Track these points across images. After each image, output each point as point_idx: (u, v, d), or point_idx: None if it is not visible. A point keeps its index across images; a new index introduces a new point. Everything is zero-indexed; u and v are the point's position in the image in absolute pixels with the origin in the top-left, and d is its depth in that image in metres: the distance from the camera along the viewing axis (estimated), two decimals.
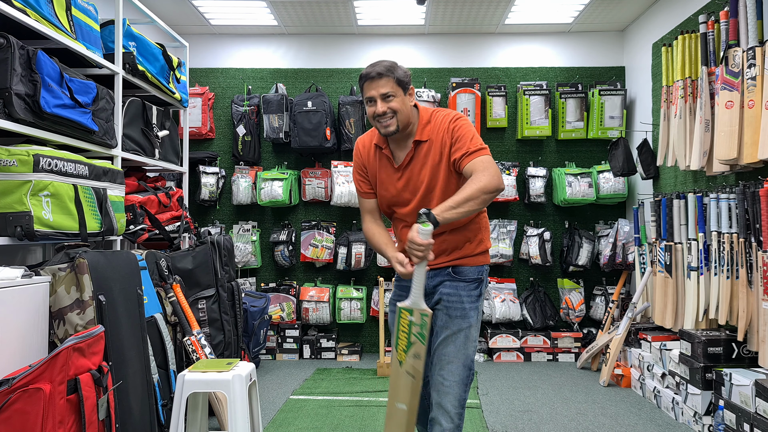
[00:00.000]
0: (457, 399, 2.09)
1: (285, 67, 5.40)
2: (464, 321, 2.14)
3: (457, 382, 2.09)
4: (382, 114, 2.12)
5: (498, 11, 4.86)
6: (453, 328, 2.13)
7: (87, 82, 2.78)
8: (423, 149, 2.17)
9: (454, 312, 2.14)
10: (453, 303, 2.15)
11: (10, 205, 2.28)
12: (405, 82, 2.15)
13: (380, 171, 2.26)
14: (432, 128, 2.18)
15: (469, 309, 2.15)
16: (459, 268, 2.19)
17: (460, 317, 2.14)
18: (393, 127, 2.14)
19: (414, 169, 2.19)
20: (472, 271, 2.19)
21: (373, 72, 2.11)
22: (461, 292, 2.16)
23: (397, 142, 2.22)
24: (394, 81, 2.11)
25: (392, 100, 2.11)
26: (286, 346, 5.01)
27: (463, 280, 2.18)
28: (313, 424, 3.32)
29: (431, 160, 2.16)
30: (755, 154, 2.96)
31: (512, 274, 5.24)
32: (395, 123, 2.13)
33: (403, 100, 2.14)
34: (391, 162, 2.23)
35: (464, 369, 2.11)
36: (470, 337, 2.14)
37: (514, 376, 4.43)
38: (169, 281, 3.06)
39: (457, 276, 2.18)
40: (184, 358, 3.01)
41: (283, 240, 5.11)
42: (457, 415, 2.09)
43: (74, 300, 2.26)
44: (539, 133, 5.06)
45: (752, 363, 3.14)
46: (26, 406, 1.78)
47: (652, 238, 4.09)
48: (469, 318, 2.14)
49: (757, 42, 3.06)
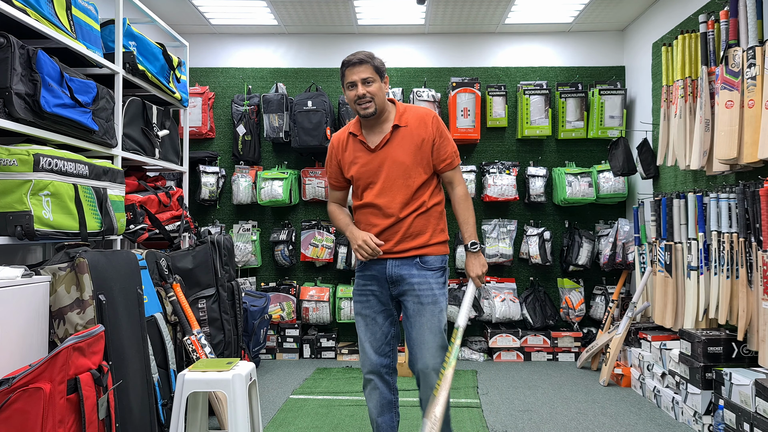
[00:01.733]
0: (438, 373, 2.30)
1: (285, 66, 5.40)
2: (436, 306, 2.36)
3: (437, 363, 2.32)
4: (362, 96, 2.35)
5: (498, 11, 4.86)
6: (427, 315, 2.35)
7: (87, 81, 2.78)
8: (400, 133, 2.41)
9: (425, 299, 2.35)
10: (424, 290, 2.36)
11: (11, 205, 2.28)
12: (381, 70, 2.41)
13: (355, 156, 2.46)
14: (409, 117, 2.42)
15: (438, 295, 2.37)
16: (425, 258, 2.39)
17: (432, 303, 2.36)
18: (371, 109, 2.37)
19: (390, 150, 2.40)
20: (437, 260, 2.41)
21: (354, 59, 2.38)
22: (430, 280, 2.37)
23: (371, 128, 2.45)
24: (372, 68, 2.37)
25: (371, 85, 2.36)
26: (286, 346, 5.01)
27: (429, 269, 2.38)
28: (313, 424, 3.32)
29: (409, 143, 2.39)
30: (755, 153, 2.96)
31: (512, 274, 5.24)
32: (373, 106, 2.37)
33: (380, 86, 2.38)
34: (365, 146, 2.44)
35: (441, 350, 2.34)
36: (442, 321, 2.37)
37: (514, 375, 4.44)
38: (169, 281, 3.06)
39: (425, 265, 2.38)
40: (184, 358, 3.01)
41: (283, 239, 5.11)
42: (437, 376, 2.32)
43: (74, 299, 2.26)
44: (539, 133, 5.06)
45: (752, 362, 3.14)
46: (26, 405, 1.78)
47: (652, 237, 4.09)
48: (440, 303, 2.37)
49: (757, 42, 3.06)
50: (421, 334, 2.33)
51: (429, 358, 2.32)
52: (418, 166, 2.37)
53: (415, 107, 2.47)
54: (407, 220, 2.36)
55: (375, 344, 2.43)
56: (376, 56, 2.42)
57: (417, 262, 2.37)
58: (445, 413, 2.31)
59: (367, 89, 2.35)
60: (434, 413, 2.14)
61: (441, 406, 2.15)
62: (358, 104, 2.37)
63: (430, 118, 2.42)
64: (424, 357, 2.33)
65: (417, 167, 2.37)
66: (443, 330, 2.36)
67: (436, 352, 2.32)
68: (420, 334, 2.34)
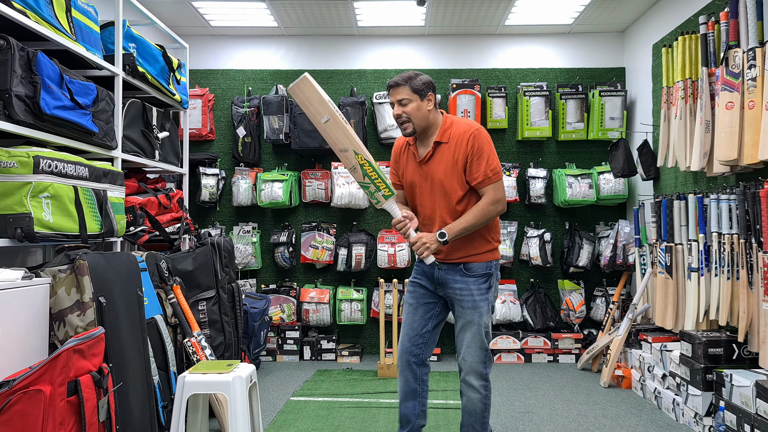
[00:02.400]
0: (479, 374, 2.49)
1: (285, 68, 5.41)
2: (475, 312, 2.48)
3: (476, 362, 2.48)
4: (398, 116, 2.49)
5: (498, 12, 4.87)
6: (467, 318, 2.49)
7: (87, 83, 2.78)
8: (442, 149, 2.50)
9: (466, 304, 2.49)
10: (465, 296, 2.49)
11: (11, 207, 2.28)
12: (421, 89, 2.47)
13: (407, 164, 2.62)
14: (451, 133, 2.50)
15: (479, 301, 2.49)
16: (469, 264, 2.51)
17: (471, 308, 2.48)
18: (410, 129, 2.50)
19: (432, 164, 2.52)
20: (480, 266, 2.51)
21: (392, 81, 2.50)
22: (471, 287, 2.49)
23: (421, 141, 2.58)
24: (409, 89, 2.46)
25: (407, 106, 2.47)
26: (287, 348, 5.01)
27: (472, 275, 2.50)
28: (314, 426, 3.31)
29: (446, 160, 2.49)
30: (755, 155, 2.96)
31: (513, 276, 5.23)
32: (411, 126, 2.49)
33: (419, 105, 2.47)
34: (415, 157, 2.58)
35: (481, 351, 2.49)
36: (482, 324, 2.49)
37: (515, 377, 4.43)
38: (169, 283, 3.06)
39: (467, 272, 2.51)
40: (185, 360, 3.01)
41: (284, 241, 5.11)
42: (482, 387, 2.50)
43: (74, 302, 2.26)
44: (539, 134, 5.06)
45: (753, 364, 3.13)
46: (26, 407, 1.78)
47: (653, 239, 4.09)
48: (479, 309, 2.48)
49: (758, 43, 3.05)
50: (462, 332, 2.51)
51: (467, 355, 2.49)
52: (454, 182, 2.48)
53: (460, 122, 2.53)
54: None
55: (410, 332, 2.59)
56: (419, 76, 2.49)
57: (461, 269, 2.51)
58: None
59: (403, 109, 2.47)
60: None
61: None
62: (398, 123, 2.52)
63: (468, 135, 2.46)
64: (463, 352, 2.51)
65: (453, 183, 2.48)
66: (483, 333, 2.49)
67: (475, 352, 2.48)
68: (461, 333, 2.52)
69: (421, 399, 2.61)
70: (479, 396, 2.50)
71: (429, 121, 2.51)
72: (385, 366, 4.41)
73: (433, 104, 2.52)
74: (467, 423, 2.56)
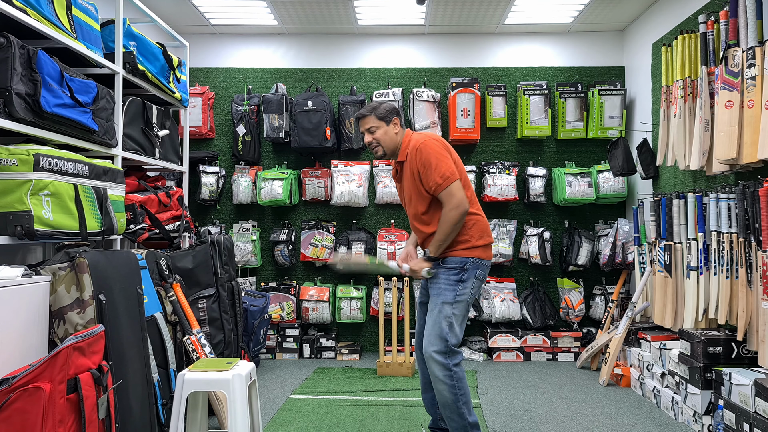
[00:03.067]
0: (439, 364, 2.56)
1: (285, 66, 5.41)
2: (438, 298, 2.65)
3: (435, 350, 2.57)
4: (369, 143, 2.78)
5: (498, 11, 4.87)
6: (431, 305, 2.68)
7: (87, 81, 2.79)
8: (405, 167, 2.76)
9: (433, 291, 2.70)
10: (433, 284, 2.71)
11: (11, 205, 2.28)
12: (385, 116, 2.75)
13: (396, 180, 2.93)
14: (408, 150, 2.73)
15: (444, 288, 2.65)
16: (445, 258, 2.70)
17: (436, 295, 2.67)
18: (380, 152, 2.78)
19: (403, 181, 2.81)
20: (455, 260, 2.67)
21: (359, 114, 2.79)
22: (441, 276, 2.68)
23: (396, 160, 2.84)
24: (375, 117, 2.74)
25: (375, 133, 2.75)
26: (286, 346, 5.01)
27: (445, 267, 2.68)
28: (313, 424, 3.32)
29: (407, 176, 2.74)
30: (755, 153, 2.96)
31: (512, 274, 5.24)
32: (381, 149, 2.77)
33: (385, 130, 2.75)
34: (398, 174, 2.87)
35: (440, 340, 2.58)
36: (443, 312, 2.61)
37: (514, 375, 4.44)
38: (169, 280, 3.07)
39: (443, 264, 2.70)
40: (184, 358, 3.02)
41: (283, 239, 5.11)
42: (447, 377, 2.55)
43: (74, 299, 2.26)
44: (539, 133, 5.06)
45: (752, 363, 3.14)
46: (26, 405, 1.79)
47: (652, 237, 4.09)
48: (443, 295, 2.64)
49: (757, 42, 3.06)
50: (427, 321, 2.67)
51: (426, 342, 2.61)
52: (418, 195, 2.71)
53: (415, 138, 2.74)
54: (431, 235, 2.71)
55: (419, 329, 2.85)
56: (382, 104, 2.76)
57: (439, 263, 2.71)
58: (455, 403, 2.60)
59: (372, 136, 2.76)
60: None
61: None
62: (370, 149, 2.79)
63: (414, 151, 2.68)
64: (423, 340, 2.66)
65: (418, 196, 2.71)
66: (443, 321, 2.60)
67: (433, 340, 2.59)
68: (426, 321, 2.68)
69: None
70: (446, 386, 2.56)
71: (396, 142, 2.77)
72: (384, 364, 4.41)
73: (399, 126, 2.78)
74: (444, 415, 2.64)
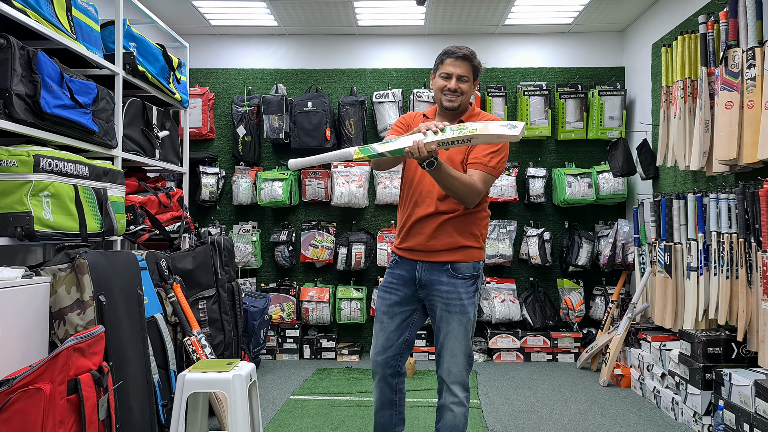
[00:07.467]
0: (464, 385, 2.32)
1: (285, 67, 5.41)
2: (464, 316, 2.31)
3: (461, 371, 2.31)
4: (453, 90, 2.33)
5: (498, 12, 4.87)
6: (454, 324, 2.31)
7: (87, 82, 2.79)
8: None
9: (453, 308, 2.31)
10: (452, 300, 2.31)
11: (11, 206, 2.28)
12: (478, 71, 2.38)
13: None
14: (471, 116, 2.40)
15: (467, 305, 2.32)
16: (456, 265, 2.32)
17: (460, 313, 2.30)
18: (456, 104, 2.35)
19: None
20: (468, 267, 2.34)
21: (459, 52, 2.33)
22: (460, 290, 2.31)
23: (442, 118, 2.42)
24: (471, 67, 2.35)
25: (465, 83, 2.34)
26: (286, 347, 5.01)
27: (460, 277, 2.32)
28: (314, 424, 3.32)
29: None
30: (755, 154, 2.96)
31: (512, 275, 5.24)
32: (459, 101, 2.35)
33: (470, 85, 2.37)
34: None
35: (465, 358, 2.33)
36: (469, 330, 2.34)
37: (514, 376, 4.44)
38: (169, 281, 3.07)
39: (455, 273, 2.32)
40: (185, 358, 3.02)
41: (283, 240, 5.11)
42: (466, 398, 2.33)
43: (74, 300, 2.26)
44: (539, 134, 5.06)
45: (752, 363, 3.14)
46: (26, 406, 1.79)
47: (652, 238, 4.09)
48: (468, 313, 2.32)
49: (757, 42, 3.06)
50: (447, 341, 2.32)
51: (453, 365, 2.31)
52: (459, 162, 2.33)
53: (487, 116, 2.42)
54: (443, 216, 2.30)
55: (386, 344, 2.38)
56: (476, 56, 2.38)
57: (447, 269, 2.32)
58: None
59: (459, 85, 2.34)
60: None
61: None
62: (445, 95, 2.35)
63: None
64: (447, 363, 2.32)
65: (458, 163, 2.32)
66: (469, 340, 2.34)
67: (460, 361, 2.31)
68: (446, 340, 2.32)
69: (398, 408, 2.48)
70: (463, 409, 2.32)
71: (467, 104, 2.43)
72: None
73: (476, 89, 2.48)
74: None
